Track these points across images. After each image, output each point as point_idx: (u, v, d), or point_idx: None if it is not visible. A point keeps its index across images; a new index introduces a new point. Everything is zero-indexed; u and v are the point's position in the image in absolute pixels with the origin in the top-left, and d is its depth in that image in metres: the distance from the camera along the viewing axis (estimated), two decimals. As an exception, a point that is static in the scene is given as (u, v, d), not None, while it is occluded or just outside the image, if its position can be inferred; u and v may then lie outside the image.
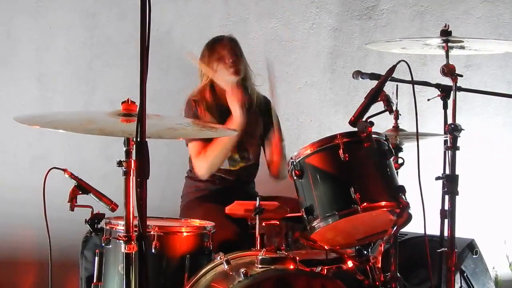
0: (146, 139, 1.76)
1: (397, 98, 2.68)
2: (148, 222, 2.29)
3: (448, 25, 2.69)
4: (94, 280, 2.32)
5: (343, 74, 3.83)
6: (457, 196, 2.50)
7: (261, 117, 2.98)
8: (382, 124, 2.68)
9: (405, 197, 2.23)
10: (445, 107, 2.65)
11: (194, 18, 3.73)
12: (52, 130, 2.00)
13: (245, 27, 3.80)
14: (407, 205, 2.21)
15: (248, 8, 3.78)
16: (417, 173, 2.34)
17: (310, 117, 3.86)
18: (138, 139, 1.76)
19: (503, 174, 3.97)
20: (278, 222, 2.42)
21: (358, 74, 2.76)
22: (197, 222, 2.52)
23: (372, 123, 2.23)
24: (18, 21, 3.59)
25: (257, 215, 2.31)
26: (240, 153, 2.92)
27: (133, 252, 1.87)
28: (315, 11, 3.86)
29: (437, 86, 2.65)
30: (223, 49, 2.92)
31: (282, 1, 3.84)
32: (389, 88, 2.58)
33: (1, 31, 3.56)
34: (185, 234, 2.36)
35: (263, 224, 2.35)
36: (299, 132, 3.75)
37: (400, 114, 2.73)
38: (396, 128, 2.74)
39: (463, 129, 2.55)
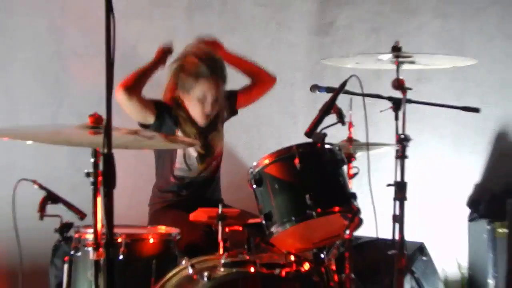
0: (113, 151, 1.82)
1: (351, 110, 2.78)
2: (116, 230, 2.34)
3: (399, 42, 2.73)
4: (64, 287, 2.36)
5: (302, 88, 3.86)
6: (411, 202, 2.55)
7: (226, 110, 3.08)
8: (338, 134, 2.76)
9: (356, 203, 2.31)
10: (396, 118, 2.67)
11: (159, 33, 3.75)
12: (18, 142, 2.03)
13: (208, 41, 3.87)
14: (358, 210, 2.28)
15: (211, 24, 3.82)
16: (373, 181, 2.44)
17: (271, 128, 3.92)
18: (105, 151, 1.83)
19: (451, 181, 4.08)
20: (241, 228, 2.51)
21: (315, 87, 2.79)
22: (163, 229, 2.58)
23: (325, 134, 2.32)
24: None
25: (219, 221, 2.39)
26: (206, 148, 2.98)
27: (102, 258, 1.90)
28: (276, 27, 3.93)
29: (389, 98, 2.69)
30: (205, 88, 2.86)
31: (244, 18, 3.90)
32: (345, 100, 2.70)
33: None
34: (151, 240, 2.41)
35: (227, 230, 2.43)
36: (260, 142, 3.81)
37: (354, 125, 2.84)
38: (350, 138, 2.84)
39: (412, 139, 2.65)
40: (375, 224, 2.39)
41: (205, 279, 2.15)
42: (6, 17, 3.59)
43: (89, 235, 2.29)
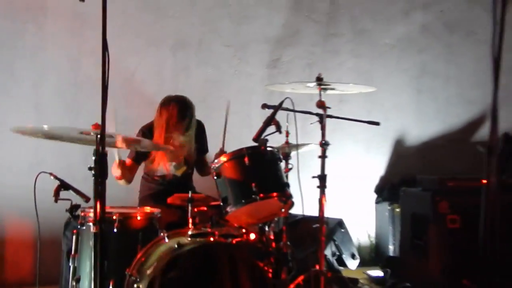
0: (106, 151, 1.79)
1: (287, 122, 2.78)
2: (112, 210, 2.31)
3: (321, 74, 2.72)
4: (72, 253, 2.30)
5: (256, 106, 3.69)
6: (333, 189, 2.58)
7: (196, 140, 2.99)
8: (281, 140, 2.77)
9: (289, 190, 2.31)
10: (321, 129, 2.68)
11: (151, 64, 3.73)
12: (46, 144, 1.98)
13: (188, 72, 3.84)
14: (290, 195, 2.29)
15: (189, 58, 3.81)
16: (304, 174, 2.45)
17: (232, 135, 3.88)
18: (100, 151, 1.79)
19: (363, 174, 4.11)
20: (206, 208, 2.47)
21: (265, 106, 2.76)
22: (148, 209, 2.53)
23: (267, 140, 2.32)
24: (19, 63, 3.52)
25: (189, 203, 2.35)
26: (185, 161, 2.95)
27: (99, 231, 1.87)
28: (237, 61, 3.93)
29: (317, 114, 2.69)
30: (168, 113, 2.74)
31: (214, 53, 3.90)
32: (284, 115, 2.68)
33: (6, 71, 3.48)
34: (139, 217, 2.37)
35: (195, 210, 2.40)
36: (225, 146, 3.79)
37: (290, 133, 2.82)
38: (287, 143, 2.83)
39: (331, 144, 2.65)
40: (301, 205, 2.38)
41: (176, 246, 2.12)
42: (37, 53, 3.53)
43: (91, 214, 2.23)
